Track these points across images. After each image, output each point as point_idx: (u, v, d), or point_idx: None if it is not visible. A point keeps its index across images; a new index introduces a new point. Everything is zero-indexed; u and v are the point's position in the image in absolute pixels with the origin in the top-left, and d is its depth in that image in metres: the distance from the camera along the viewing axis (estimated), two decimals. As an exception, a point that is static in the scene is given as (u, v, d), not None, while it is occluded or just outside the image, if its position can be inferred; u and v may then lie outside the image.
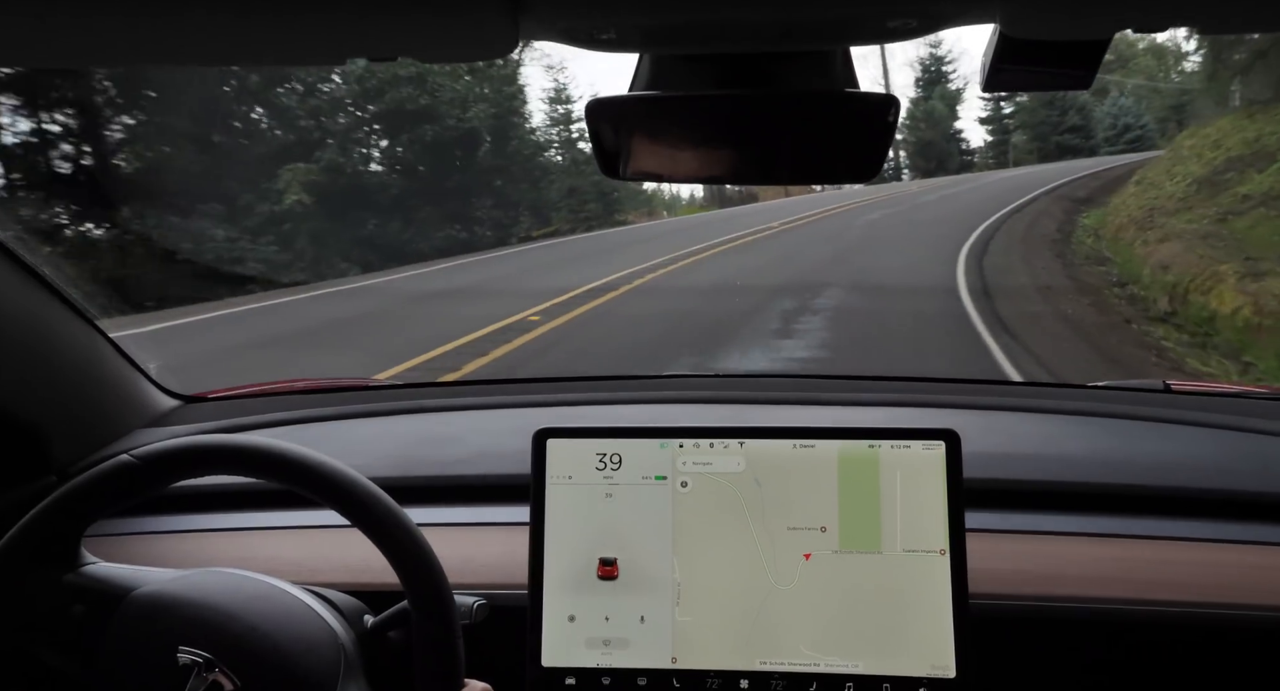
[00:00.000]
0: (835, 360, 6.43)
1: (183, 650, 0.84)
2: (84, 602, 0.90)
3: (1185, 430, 1.38)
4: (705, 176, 0.85)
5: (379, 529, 0.88)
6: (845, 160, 0.84)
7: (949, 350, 6.58)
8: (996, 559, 1.08)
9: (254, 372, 6.52)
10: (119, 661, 0.86)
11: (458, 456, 1.38)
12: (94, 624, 0.89)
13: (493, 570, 1.11)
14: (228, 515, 1.29)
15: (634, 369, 6.36)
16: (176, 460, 0.90)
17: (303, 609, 0.91)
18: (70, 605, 0.90)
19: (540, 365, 6.70)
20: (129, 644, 0.87)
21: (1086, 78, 0.70)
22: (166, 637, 0.85)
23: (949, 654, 0.96)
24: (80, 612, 0.89)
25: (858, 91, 0.79)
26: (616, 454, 1.03)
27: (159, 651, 0.85)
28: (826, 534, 1.00)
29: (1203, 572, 1.06)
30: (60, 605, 0.89)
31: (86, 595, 0.90)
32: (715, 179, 0.85)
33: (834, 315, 8.10)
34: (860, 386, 1.61)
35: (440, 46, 0.60)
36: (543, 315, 8.86)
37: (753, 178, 0.84)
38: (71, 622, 0.89)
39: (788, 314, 8.17)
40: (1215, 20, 0.58)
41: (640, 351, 7.10)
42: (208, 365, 7.43)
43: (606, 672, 1.00)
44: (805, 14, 0.59)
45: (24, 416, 1.25)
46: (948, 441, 1.00)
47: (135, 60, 0.66)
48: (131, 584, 0.91)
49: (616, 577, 1.01)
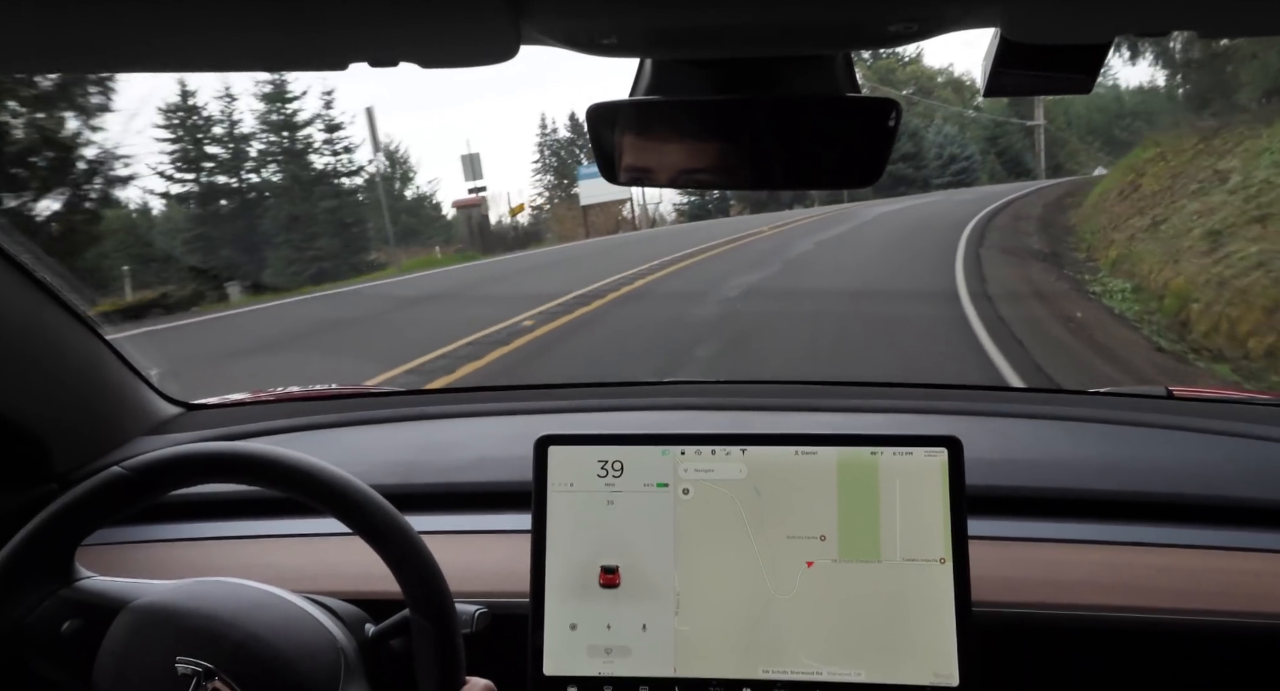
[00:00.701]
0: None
1: (181, 660, 0.83)
2: (80, 616, 0.89)
3: (1187, 436, 1.38)
4: (705, 181, 0.85)
5: (376, 533, 0.88)
6: (845, 165, 0.84)
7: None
8: (999, 566, 1.08)
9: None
10: (117, 674, 0.86)
11: (459, 463, 1.38)
12: (90, 638, 0.88)
13: (494, 578, 1.11)
14: (229, 523, 1.28)
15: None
16: (169, 469, 0.90)
17: (302, 615, 0.90)
18: (66, 620, 0.89)
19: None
20: (127, 656, 0.86)
21: (1087, 82, 0.70)
22: (164, 648, 0.85)
23: (952, 662, 0.96)
24: (76, 627, 0.89)
25: (858, 96, 0.79)
26: (618, 461, 1.03)
27: (157, 662, 0.84)
28: (826, 543, 0.99)
29: (1206, 580, 1.06)
30: (55, 620, 0.89)
31: (82, 609, 0.90)
32: (715, 184, 0.85)
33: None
34: (862, 393, 1.61)
35: (442, 52, 0.61)
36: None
37: (753, 183, 0.84)
38: (66, 637, 0.88)
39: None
40: (1215, 24, 0.58)
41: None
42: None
43: (608, 681, 0.99)
44: (806, 18, 0.59)
45: (24, 423, 1.25)
46: (950, 448, 1.00)
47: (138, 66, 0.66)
48: (127, 596, 0.90)
49: (618, 585, 1.01)
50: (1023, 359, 6.28)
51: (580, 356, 7.50)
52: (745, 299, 10.10)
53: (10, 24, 0.53)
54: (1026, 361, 6.21)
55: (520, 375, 6.76)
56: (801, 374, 6.12)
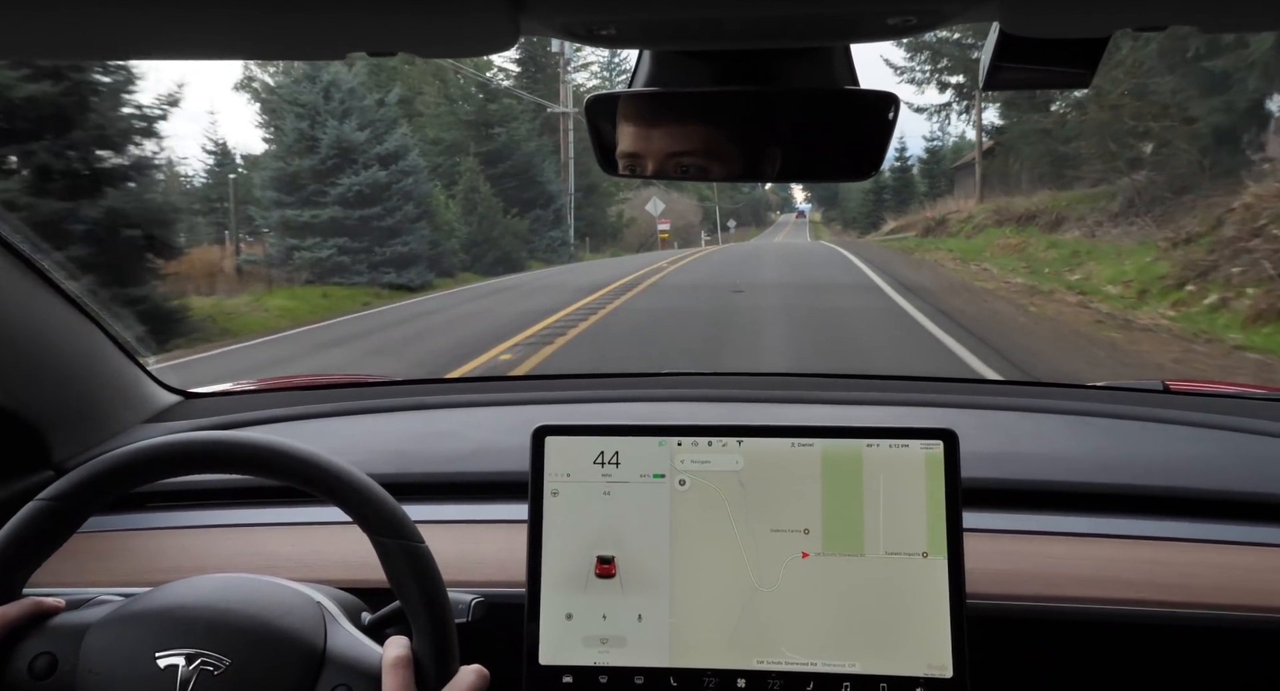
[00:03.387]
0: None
1: (159, 655, 0.83)
2: (47, 650, 0.86)
3: (1183, 430, 1.38)
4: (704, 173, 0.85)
5: (338, 498, 0.88)
6: (844, 158, 0.84)
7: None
8: (992, 559, 1.08)
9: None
10: (103, 688, 0.84)
11: (456, 453, 1.38)
12: (65, 664, 0.85)
13: (490, 567, 1.11)
14: (225, 511, 1.29)
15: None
16: (96, 485, 0.87)
17: (272, 584, 0.91)
18: (34, 656, 0.86)
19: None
20: (107, 670, 0.85)
21: (1086, 76, 0.70)
22: (141, 650, 0.84)
23: (946, 654, 0.96)
24: (46, 662, 0.86)
25: (857, 89, 0.79)
26: (615, 452, 1.03)
27: (139, 666, 0.83)
28: (809, 536, 1.00)
29: (1201, 574, 1.06)
30: (22, 660, 0.86)
31: (47, 640, 0.87)
32: (714, 176, 0.85)
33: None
34: (858, 385, 1.61)
35: (440, 42, 0.60)
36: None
37: (751, 175, 0.85)
38: (40, 673, 0.85)
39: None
40: (1214, 18, 0.58)
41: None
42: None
43: (604, 671, 1.00)
44: (805, 10, 0.59)
45: (20, 410, 1.25)
46: (946, 441, 1.00)
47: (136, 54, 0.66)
48: (87, 620, 0.88)
49: (614, 576, 1.01)
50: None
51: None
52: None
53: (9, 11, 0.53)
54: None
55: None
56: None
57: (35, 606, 0.87)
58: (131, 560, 1.19)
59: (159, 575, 1.12)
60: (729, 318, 10.52)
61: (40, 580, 0.90)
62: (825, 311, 10.59)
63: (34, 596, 0.89)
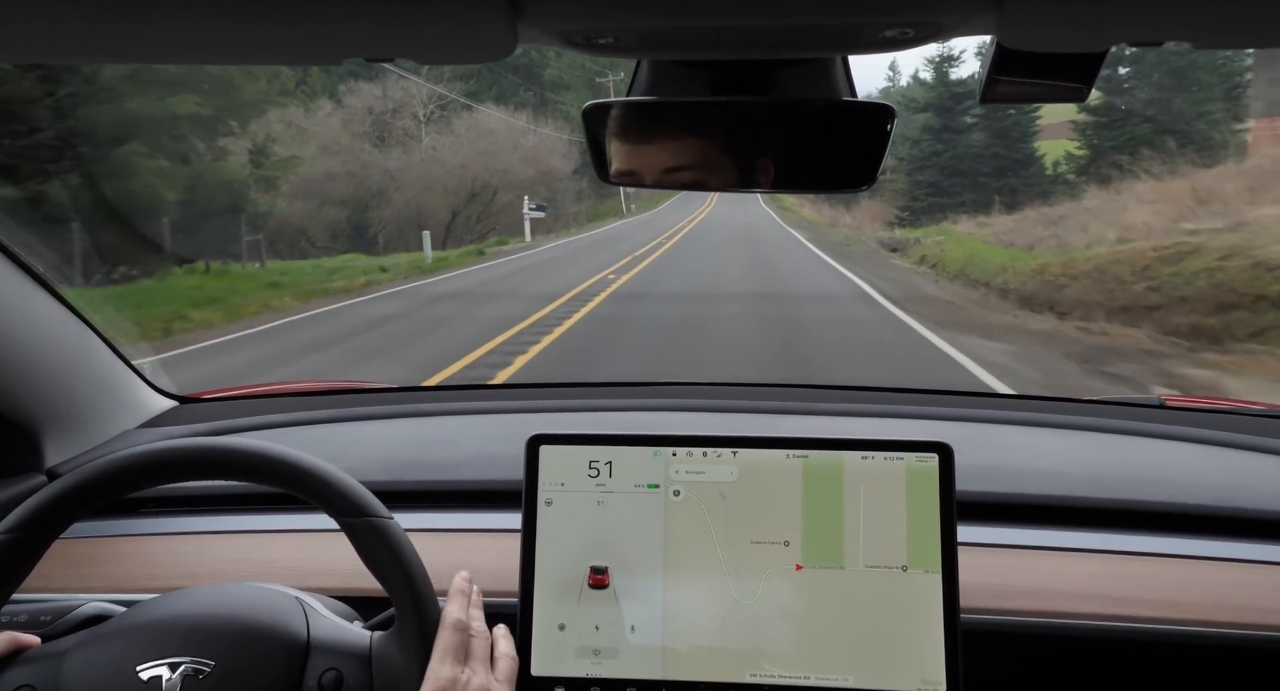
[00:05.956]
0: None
1: (140, 669, 0.82)
2: (26, 681, 0.85)
3: (1179, 446, 1.38)
4: (699, 184, 0.85)
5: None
6: (840, 169, 0.84)
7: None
8: (986, 573, 1.08)
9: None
10: None
11: (450, 461, 1.38)
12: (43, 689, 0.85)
13: (483, 576, 1.11)
14: (218, 518, 1.28)
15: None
16: (57, 509, 0.85)
17: (247, 586, 0.91)
18: (16, 686, 0.85)
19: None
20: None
21: (1083, 90, 0.71)
22: (123, 666, 0.83)
23: (939, 668, 0.96)
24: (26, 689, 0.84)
25: (853, 101, 0.79)
26: (609, 461, 1.03)
27: (121, 681, 0.83)
28: (789, 548, 0.99)
29: (1195, 590, 1.06)
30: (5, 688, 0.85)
31: (24, 670, 0.85)
32: (709, 186, 0.85)
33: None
34: (853, 397, 1.61)
35: (438, 48, 0.61)
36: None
37: (747, 185, 0.85)
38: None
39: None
40: (1212, 34, 0.58)
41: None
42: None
43: (596, 682, 0.99)
44: (802, 22, 0.59)
45: (12, 414, 1.25)
46: (941, 454, 1.00)
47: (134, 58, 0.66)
48: (60, 648, 0.87)
49: (608, 586, 1.01)
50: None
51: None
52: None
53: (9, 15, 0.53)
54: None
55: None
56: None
57: (11, 641, 0.87)
58: (123, 566, 1.18)
59: (150, 581, 1.12)
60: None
61: (31, 585, 0.89)
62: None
63: (9, 631, 0.88)
